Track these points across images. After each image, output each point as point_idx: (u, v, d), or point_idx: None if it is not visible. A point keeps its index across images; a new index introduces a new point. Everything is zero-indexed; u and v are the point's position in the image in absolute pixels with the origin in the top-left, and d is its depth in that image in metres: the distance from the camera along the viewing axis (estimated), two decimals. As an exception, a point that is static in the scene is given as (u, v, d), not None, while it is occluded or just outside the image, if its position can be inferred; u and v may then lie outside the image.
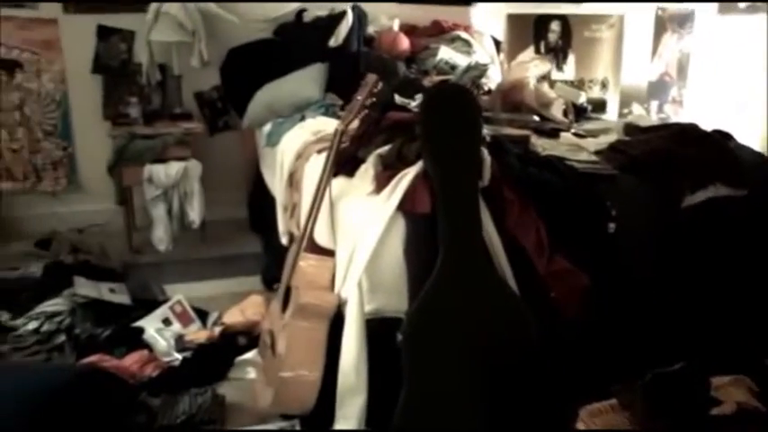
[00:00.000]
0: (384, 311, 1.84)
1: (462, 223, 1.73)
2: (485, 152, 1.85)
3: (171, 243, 3.37)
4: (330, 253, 1.99)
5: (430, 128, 1.75)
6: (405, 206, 1.79)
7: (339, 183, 2.02)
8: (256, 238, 3.70)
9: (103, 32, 3.71)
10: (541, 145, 2.21)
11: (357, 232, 1.83)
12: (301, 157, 2.46)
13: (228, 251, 3.56)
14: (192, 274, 3.25)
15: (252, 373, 2.29)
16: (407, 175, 1.81)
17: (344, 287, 1.86)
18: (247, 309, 2.60)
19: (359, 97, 1.94)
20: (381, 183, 1.86)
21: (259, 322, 2.51)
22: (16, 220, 3.81)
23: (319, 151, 2.35)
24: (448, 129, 1.73)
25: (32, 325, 2.65)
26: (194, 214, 3.34)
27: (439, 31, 3.99)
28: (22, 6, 3.58)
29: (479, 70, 2.77)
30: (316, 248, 2.00)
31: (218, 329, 2.52)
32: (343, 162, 2.01)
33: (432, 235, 1.78)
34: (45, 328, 2.63)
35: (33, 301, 2.80)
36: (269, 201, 3.26)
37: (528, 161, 2.01)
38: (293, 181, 2.47)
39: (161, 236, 3.33)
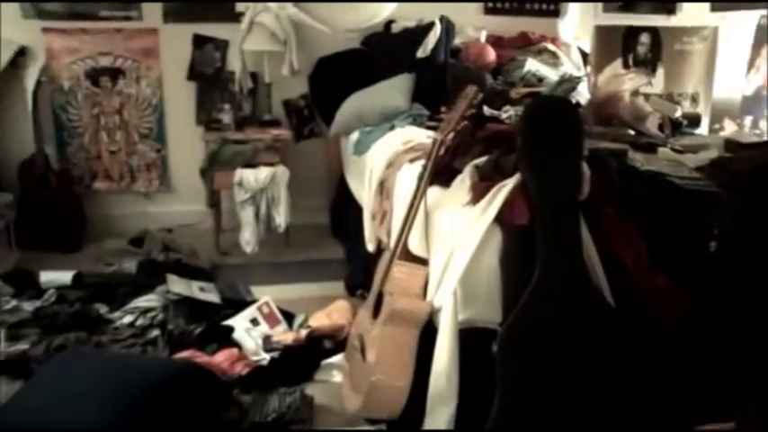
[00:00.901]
0: (476, 321, 1.84)
1: (561, 237, 1.71)
2: (584, 166, 1.83)
3: (257, 246, 3.46)
4: (422, 261, 2.01)
5: (531, 140, 1.74)
6: (502, 218, 1.79)
7: (434, 192, 2.03)
8: (337, 243, 3.77)
9: (199, 41, 3.87)
10: (639, 160, 2.17)
11: (452, 242, 1.84)
12: (392, 165, 2.49)
13: (311, 256, 3.63)
14: (275, 276, 3.33)
15: (338, 377, 2.33)
16: (505, 187, 1.81)
17: (438, 296, 1.87)
18: (333, 313, 2.65)
19: (458, 108, 1.95)
20: (478, 194, 1.86)
21: (344, 327, 2.56)
22: (111, 218, 4.00)
23: (411, 160, 2.38)
24: (550, 141, 1.72)
25: (128, 319, 2.78)
26: (280, 219, 3.43)
27: (526, 43, 3.98)
28: (129, 19, 3.77)
29: (573, 83, 2.75)
30: (408, 256, 2.02)
31: (304, 332, 2.57)
32: (438, 172, 2.03)
33: (528, 247, 1.77)
34: (139, 322, 2.75)
35: (129, 296, 2.94)
36: (352, 208, 3.32)
37: (627, 176, 1.98)
38: (383, 189, 2.51)
39: (248, 238, 3.42)
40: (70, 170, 3.88)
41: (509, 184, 1.82)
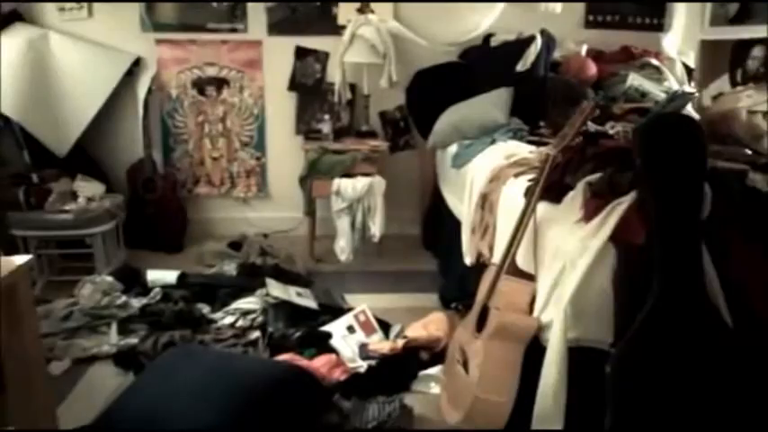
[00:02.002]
0: (585, 340, 1.81)
1: (681, 258, 1.66)
2: (705, 185, 1.77)
3: (351, 254, 3.51)
4: (529, 276, 1.98)
5: (652, 158, 1.70)
6: (616, 236, 1.75)
7: (543, 208, 2.01)
8: (428, 255, 3.78)
9: (301, 53, 3.98)
10: (759, 180, 2.07)
11: (563, 259, 1.82)
12: (495, 180, 2.48)
13: (403, 266, 3.65)
14: (368, 285, 3.37)
15: (435, 388, 2.33)
16: (621, 205, 1.77)
17: (546, 312, 1.85)
18: (430, 324, 2.65)
19: (574, 123, 1.93)
20: (591, 211, 1.83)
21: (441, 339, 2.56)
22: (211, 222, 4.16)
23: (516, 175, 2.36)
24: (672, 160, 1.67)
25: (229, 319, 2.87)
26: (375, 228, 3.46)
27: (628, 57, 3.89)
28: (236, 31, 3.93)
29: (684, 99, 2.65)
30: (515, 271, 2.00)
31: (400, 342, 2.58)
32: (548, 187, 2.00)
33: (643, 267, 1.72)
34: (240, 323, 2.84)
35: (229, 297, 3.04)
36: (447, 221, 3.32)
37: (748, 197, 1.90)
38: (485, 203, 2.50)
39: (343, 246, 3.48)
40: (175, 174, 4.06)
41: (624, 203, 1.78)
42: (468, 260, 2.71)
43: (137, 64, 3.93)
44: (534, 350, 1.90)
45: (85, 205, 3.37)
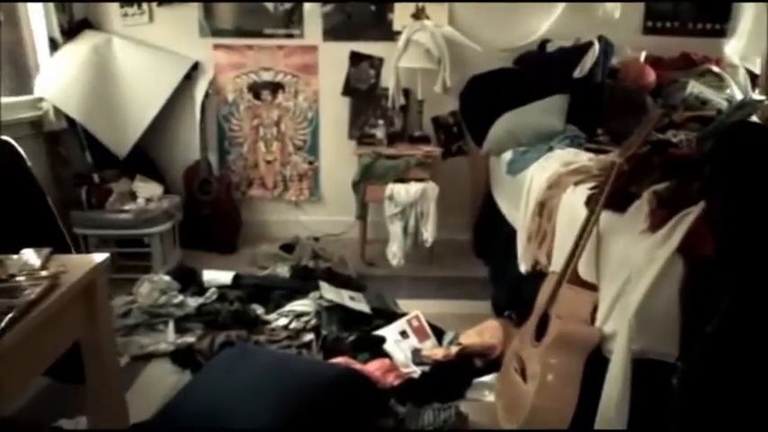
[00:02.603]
0: (649, 352, 1.77)
1: (753, 270, 1.61)
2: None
3: (403, 259, 3.51)
4: (590, 285, 1.95)
5: (723, 168, 1.66)
6: (684, 247, 1.71)
7: (606, 217, 1.98)
8: (479, 262, 3.76)
9: (355, 58, 4.01)
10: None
11: (627, 269, 1.78)
12: (554, 187, 2.45)
13: (454, 272, 3.63)
14: (418, 290, 3.36)
15: (490, 396, 2.31)
16: (689, 216, 1.73)
17: (609, 323, 1.82)
18: (484, 332, 2.63)
19: (641, 131, 1.89)
20: (657, 221, 1.79)
21: (496, 346, 2.53)
22: (264, 224, 4.22)
23: (576, 183, 2.33)
24: (746, 170, 1.63)
25: (282, 321, 2.90)
26: (428, 234, 3.46)
27: (687, 64, 3.80)
28: (292, 37, 3.98)
29: (752, 107, 2.57)
30: (576, 280, 1.97)
31: (454, 349, 2.57)
32: (611, 196, 1.97)
33: (712, 279, 1.68)
34: (293, 325, 2.86)
35: (283, 299, 3.07)
36: (499, 228, 3.30)
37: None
38: (543, 211, 2.47)
39: (395, 251, 3.48)
40: (229, 177, 4.13)
41: (692, 213, 1.74)
42: (524, 268, 2.69)
43: (195, 68, 4.01)
44: (595, 360, 1.87)
45: (144, 205, 3.46)
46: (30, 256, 1.23)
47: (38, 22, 3.68)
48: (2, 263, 1.21)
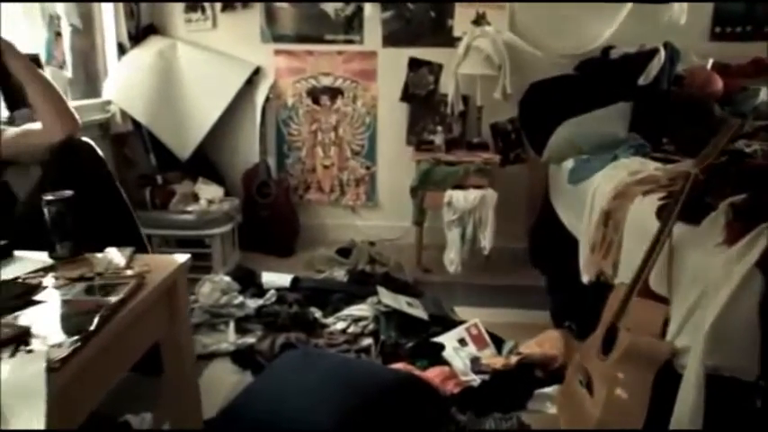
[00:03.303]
0: (724, 369, 1.71)
1: (840, 288, 1.55)
2: None
3: (460, 266, 3.49)
4: (661, 298, 1.91)
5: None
6: (764, 262, 1.65)
7: (679, 229, 1.93)
8: (535, 270, 3.71)
9: (414, 64, 4.02)
10: None
11: (702, 283, 1.73)
12: (621, 197, 2.40)
13: (510, 281, 3.60)
14: (475, 298, 3.33)
15: (552, 408, 2.28)
16: (769, 229, 1.67)
17: (681, 337, 1.77)
18: (545, 342, 2.60)
19: (719, 141, 1.84)
20: (735, 234, 1.73)
21: (557, 357, 2.50)
22: (320, 228, 4.26)
23: (644, 193, 2.28)
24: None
25: (341, 325, 2.91)
26: (486, 241, 3.44)
27: (759, 71, 3.67)
28: (352, 42, 4.02)
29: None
30: (646, 292, 1.93)
31: (514, 358, 2.54)
32: (685, 207, 1.92)
33: (793, 296, 1.62)
34: (351, 329, 2.87)
35: (341, 302, 3.09)
36: (558, 237, 3.25)
37: None
38: (608, 220, 2.42)
39: (452, 258, 3.47)
40: (287, 180, 4.18)
41: (773, 227, 1.68)
42: (586, 278, 2.64)
43: (256, 73, 4.08)
44: (666, 375, 1.82)
45: (206, 207, 3.53)
46: (114, 255, 1.27)
47: (109, 28, 3.81)
48: (89, 261, 1.25)
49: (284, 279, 3.28)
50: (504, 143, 4.04)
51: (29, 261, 1.30)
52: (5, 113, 2.78)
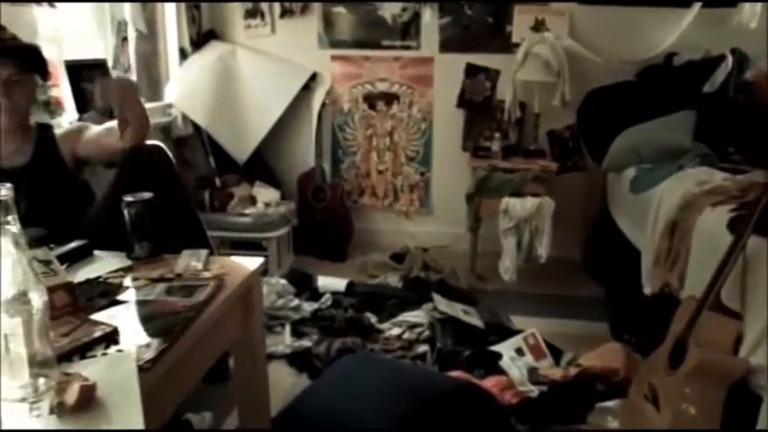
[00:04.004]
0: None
1: None
2: None
3: (515, 274, 3.45)
4: (733, 313, 1.85)
5: None
6: None
7: (754, 242, 1.87)
8: (591, 280, 3.64)
9: (471, 70, 4.00)
10: None
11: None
12: (688, 207, 2.34)
13: (566, 291, 3.54)
14: (531, 307, 3.29)
15: (613, 423, 2.23)
16: None
17: (757, 354, 1.71)
18: (606, 355, 2.54)
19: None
20: (814, 248, 1.68)
21: (618, 371, 2.44)
22: (373, 233, 4.27)
23: (714, 204, 2.22)
24: None
25: (396, 331, 2.91)
26: (542, 250, 3.39)
27: (832, 79, 3.54)
28: (409, 48, 4.03)
29: None
30: (716, 306, 1.87)
31: (573, 370, 2.50)
32: (760, 220, 1.86)
33: None
34: (406, 335, 2.87)
35: (396, 308, 3.09)
36: (616, 247, 3.18)
37: None
38: (675, 231, 2.36)
39: (507, 266, 3.43)
40: (342, 185, 4.21)
41: None
42: (649, 290, 2.58)
43: (313, 78, 4.12)
44: (740, 393, 1.77)
45: (263, 210, 3.58)
46: (191, 257, 1.29)
47: (171, 33, 3.90)
48: (167, 262, 1.28)
49: (339, 283, 3.30)
50: (561, 151, 3.98)
51: (107, 261, 1.34)
52: (75, 116, 2.89)
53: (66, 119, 2.82)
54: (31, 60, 1.95)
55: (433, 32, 4.00)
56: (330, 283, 3.31)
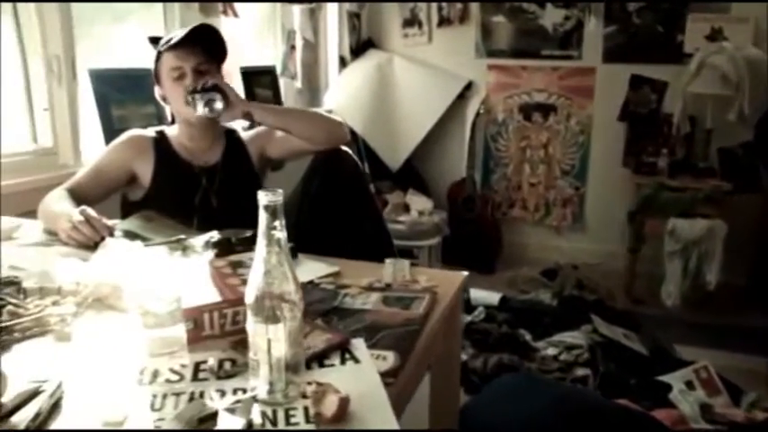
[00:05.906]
0: None
1: None
2: None
3: (678, 299, 3.24)
4: None
5: None
6: None
7: None
8: (764, 311, 3.35)
9: (636, 82, 3.81)
10: None
11: None
12: None
13: (736, 321, 3.27)
14: (697, 337, 3.06)
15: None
16: None
17: None
18: (796, 399, 2.32)
19: None
20: None
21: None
22: (522, 247, 4.18)
23: None
24: None
25: (552, 351, 2.81)
26: (711, 276, 3.16)
27: None
28: (570, 58, 3.91)
29: None
30: None
31: (761, 415, 2.29)
32: None
33: None
34: (563, 356, 2.76)
35: (551, 327, 2.99)
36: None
37: None
38: None
39: (671, 291, 3.24)
40: (492, 196, 4.15)
41: None
42: None
43: (468, 88, 4.10)
44: None
45: (417, 218, 3.59)
46: (394, 266, 1.29)
47: (333, 41, 4.02)
48: (373, 271, 1.28)
49: (492, 297, 3.24)
50: (733, 170, 3.69)
51: (313, 265, 1.36)
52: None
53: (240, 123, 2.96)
54: (214, 50, 1.90)
55: (596, 42, 3.86)
56: (483, 296, 3.26)
